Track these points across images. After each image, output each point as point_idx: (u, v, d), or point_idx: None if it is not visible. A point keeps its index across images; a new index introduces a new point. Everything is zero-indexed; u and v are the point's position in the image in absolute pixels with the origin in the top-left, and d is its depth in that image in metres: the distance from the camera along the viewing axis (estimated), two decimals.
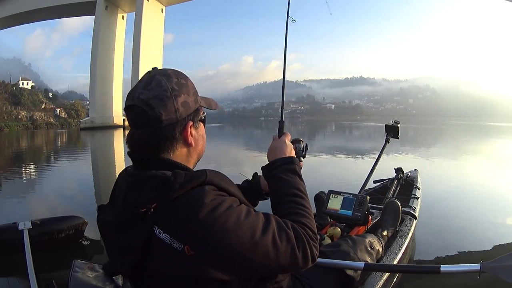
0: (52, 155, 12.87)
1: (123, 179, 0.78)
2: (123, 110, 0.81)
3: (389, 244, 1.81)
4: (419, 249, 2.54)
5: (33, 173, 7.73)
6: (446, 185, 5.12)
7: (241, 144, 16.68)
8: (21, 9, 45.58)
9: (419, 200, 2.63)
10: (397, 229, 1.99)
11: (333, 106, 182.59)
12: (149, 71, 0.78)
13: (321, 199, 2.04)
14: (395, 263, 1.65)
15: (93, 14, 44.19)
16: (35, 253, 2.15)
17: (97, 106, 42.29)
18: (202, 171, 0.73)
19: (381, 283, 1.45)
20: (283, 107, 1.19)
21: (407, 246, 1.89)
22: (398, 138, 2.84)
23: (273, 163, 0.92)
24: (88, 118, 44.28)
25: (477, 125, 36.11)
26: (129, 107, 0.75)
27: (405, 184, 3.06)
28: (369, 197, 1.94)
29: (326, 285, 1.19)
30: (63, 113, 62.11)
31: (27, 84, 67.48)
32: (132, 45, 42.52)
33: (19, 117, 51.31)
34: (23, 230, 2.42)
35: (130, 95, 0.76)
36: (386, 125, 2.86)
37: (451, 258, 2.47)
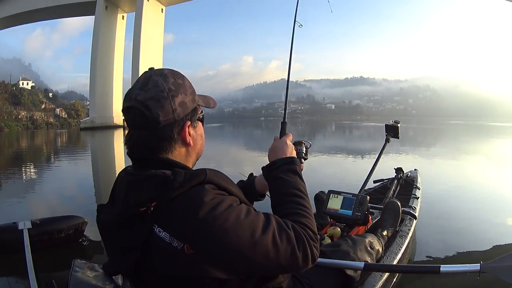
0: (52, 155, 12.87)
1: (122, 179, 0.78)
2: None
3: (389, 244, 1.81)
4: (419, 249, 2.54)
5: (33, 173, 7.73)
6: (446, 185, 5.12)
7: (241, 144, 16.68)
8: (21, 9, 45.62)
9: (419, 200, 2.63)
10: (397, 229, 1.99)
11: (333, 106, 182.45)
12: (146, 72, 0.78)
13: (321, 199, 2.04)
14: (395, 263, 1.65)
15: (93, 14, 44.23)
16: (35, 252, 2.15)
17: (97, 106, 42.33)
18: (202, 170, 0.73)
19: (381, 283, 1.45)
20: (286, 109, 1.19)
21: (407, 246, 1.89)
22: (398, 138, 2.84)
23: (274, 163, 0.92)
24: (88, 118, 44.34)
25: (477, 125, 36.09)
26: (127, 109, 0.75)
27: (405, 184, 3.06)
28: (369, 197, 1.93)
29: (326, 285, 1.18)
30: (63, 113, 62.17)
31: (27, 84, 67.55)
32: (132, 45, 42.64)
33: (19, 117, 51.35)
34: (23, 229, 2.42)
35: (127, 96, 0.76)
36: (386, 125, 2.86)
37: (451, 258, 2.47)
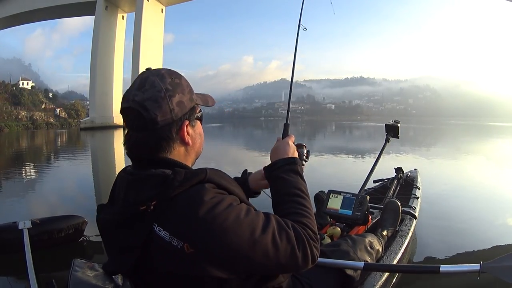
0: (52, 155, 12.87)
1: (122, 178, 0.78)
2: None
3: (389, 243, 1.81)
4: (419, 249, 2.54)
5: (33, 173, 7.73)
6: (446, 185, 5.12)
7: (241, 144, 16.68)
8: (21, 9, 45.64)
9: (419, 200, 2.63)
10: (397, 229, 1.99)
11: (333, 106, 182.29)
12: (143, 72, 0.78)
13: (321, 199, 2.04)
14: (394, 263, 1.65)
15: (93, 14, 44.24)
16: (35, 252, 2.15)
17: (97, 106, 42.34)
18: (202, 169, 0.74)
19: (381, 283, 1.45)
20: (288, 111, 1.21)
21: (407, 246, 1.89)
22: (398, 137, 2.84)
23: (275, 164, 0.92)
24: (88, 118, 44.33)
25: (477, 125, 36.08)
26: (125, 110, 0.75)
27: (405, 184, 3.06)
28: (369, 196, 1.94)
29: (325, 284, 1.18)
30: (63, 113, 62.16)
31: (27, 84, 67.55)
32: (132, 45, 42.64)
33: (19, 117, 51.34)
34: (23, 229, 2.42)
35: (125, 97, 0.76)
36: (386, 125, 2.86)
37: (451, 258, 2.47)
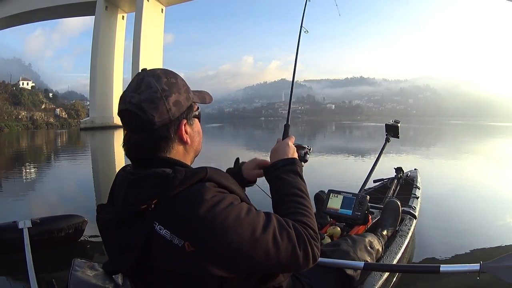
0: (52, 155, 12.88)
1: (122, 178, 0.78)
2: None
3: (389, 243, 1.81)
4: (419, 249, 2.54)
5: (33, 173, 7.74)
6: (446, 184, 5.12)
7: (241, 144, 16.67)
8: (21, 9, 45.66)
9: (419, 199, 2.63)
10: (397, 229, 1.99)
11: (333, 106, 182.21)
12: (139, 73, 0.78)
13: (321, 199, 2.04)
14: (394, 263, 1.65)
15: (93, 14, 44.26)
16: (35, 252, 2.15)
17: (97, 106, 42.35)
18: (202, 168, 0.74)
19: (381, 282, 1.45)
20: (289, 112, 1.22)
21: (407, 245, 1.89)
22: (398, 137, 2.84)
23: (275, 164, 0.93)
24: (88, 118, 44.36)
25: (477, 125, 36.08)
26: (122, 112, 0.75)
27: (405, 183, 3.06)
28: (369, 196, 1.93)
29: (325, 284, 1.18)
30: (63, 113, 62.21)
31: (27, 84, 67.58)
32: (132, 45, 42.64)
33: (19, 117, 51.40)
34: (23, 229, 2.42)
35: (121, 99, 0.76)
36: (386, 125, 2.86)
37: (451, 258, 2.47)
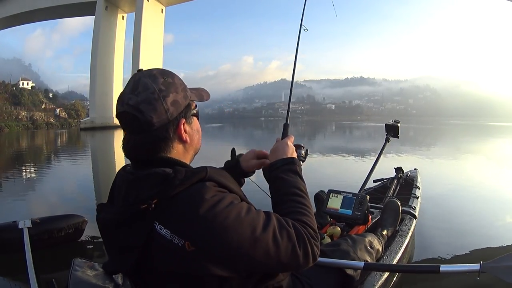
0: (52, 155, 12.87)
1: (122, 177, 0.78)
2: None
3: (389, 243, 1.81)
4: (419, 249, 2.54)
5: (33, 173, 7.74)
6: (446, 184, 5.12)
7: (241, 144, 16.66)
8: (21, 9, 45.65)
9: (419, 199, 2.63)
10: (397, 229, 1.99)
11: (333, 106, 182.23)
12: (135, 74, 0.78)
13: (321, 198, 2.04)
14: (394, 263, 1.64)
15: (93, 14, 44.25)
16: (35, 251, 2.15)
17: (97, 106, 42.33)
18: (202, 167, 0.74)
19: (381, 282, 1.44)
20: (288, 111, 1.22)
21: (407, 245, 1.89)
22: (398, 137, 2.84)
23: (274, 164, 0.93)
24: (88, 118, 44.35)
25: (477, 125, 36.09)
26: (120, 114, 0.75)
27: (405, 183, 3.06)
28: (369, 196, 1.93)
29: (325, 284, 1.18)
30: (63, 113, 62.21)
31: (27, 84, 67.60)
32: (132, 45, 42.62)
33: (19, 117, 51.42)
34: (23, 228, 2.42)
35: (119, 101, 0.76)
36: (386, 124, 2.85)
37: (451, 258, 2.47)
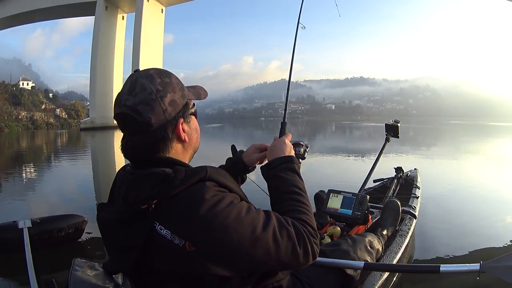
0: (52, 155, 12.87)
1: (122, 177, 0.78)
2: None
3: (389, 243, 1.81)
4: (419, 249, 2.54)
5: (33, 173, 7.73)
6: (446, 184, 5.12)
7: (241, 144, 16.65)
8: (21, 9, 45.68)
9: (419, 199, 2.63)
10: (397, 229, 1.99)
11: (333, 106, 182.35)
12: (131, 75, 0.77)
13: (321, 198, 2.03)
14: (394, 263, 1.64)
15: (93, 14, 44.26)
16: (35, 251, 2.15)
17: (97, 106, 42.33)
18: (202, 167, 0.74)
19: (381, 282, 1.44)
20: (286, 109, 1.23)
21: (407, 245, 1.89)
22: (398, 137, 2.84)
23: (272, 162, 0.93)
24: (88, 118, 44.35)
25: (477, 125, 36.11)
26: (118, 115, 0.75)
27: (405, 183, 3.05)
28: (369, 196, 1.93)
29: (325, 284, 1.18)
30: (63, 114, 62.14)
31: (27, 84, 67.55)
32: (132, 45, 42.63)
33: (19, 117, 51.37)
34: (23, 228, 2.41)
35: (116, 102, 0.75)
36: (386, 124, 2.85)
37: (451, 257, 2.47)
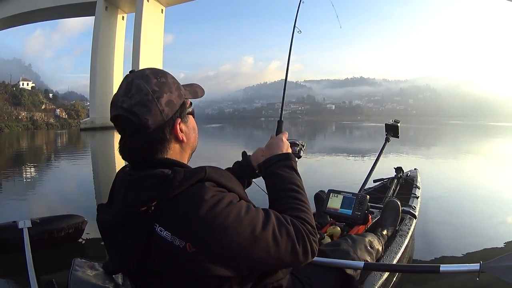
0: (52, 155, 12.87)
1: (121, 178, 0.78)
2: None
3: (388, 243, 1.81)
4: (419, 249, 2.54)
5: (33, 173, 7.74)
6: (446, 184, 5.12)
7: (241, 144, 16.68)
8: (21, 9, 45.67)
9: (419, 199, 2.63)
10: (397, 229, 1.99)
11: (333, 106, 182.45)
12: (127, 75, 0.76)
13: (321, 198, 2.03)
14: (394, 263, 1.64)
15: (93, 14, 44.25)
16: (35, 251, 2.15)
17: (97, 106, 42.28)
18: (201, 167, 0.73)
19: (381, 282, 1.44)
20: (282, 108, 1.24)
21: (407, 245, 1.89)
22: (398, 137, 2.83)
23: (270, 160, 0.93)
24: (88, 118, 44.32)
25: (477, 125, 36.13)
26: (115, 117, 0.74)
27: (405, 183, 3.05)
28: (369, 196, 1.93)
29: (325, 284, 1.18)
30: (63, 114, 62.08)
31: (27, 84, 67.56)
32: (132, 46, 42.63)
33: (19, 117, 51.33)
34: (23, 228, 2.42)
35: (113, 104, 0.74)
36: (386, 124, 2.85)
37: (451, 257, 2.47)
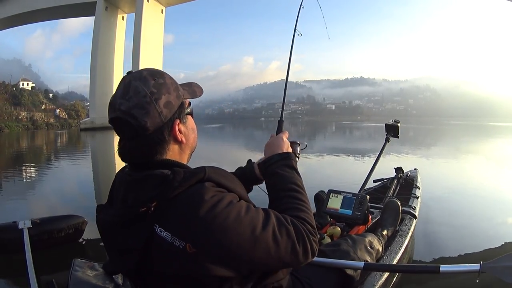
0: (52, 155, 12.87)
1: (121, 179, 0.78)
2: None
3: (389, 243, 1.81)
4: (419, 249, 2.54)
5: (33, 173, 7.73)
6: (446, 184, 5.12)
7: (241, 144, 16.68)
8: (22, 9, 45.67)
9: (419, 199, 2.63)
10: (397, 229, 1.99)
11: (334, 106, 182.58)
12: (124, 77, 0.76)
13: (321, 199, 2.03)
14: (394, 263, 1.64)
15: (93, 14, 44.26)
16: (35, 252, 2.15)
17: (97, 106, 42.26)
18: (201, 168, 0.73)
19: (381, 282, 1.44)
20: (283, 108, 1.24)
21: (407, 245, 1.89)
22: (398, 137, 2.83)
23: (270, 159, 0.93)
24: (88, 118, 44.31)
25: (477, 125, 36.13)
26: (113, 120, 0.74)
27: (405, 183, 3.05)
28: (369, 196, 1.93)
29: (325, 284, 1.18)
30: (63, 114, 62.10)
31: (27, 84, 67.61)
32: (132, 46, 42.62)
33: (20, 117, 51.35)
34: (23, 229, 2.42)
35: (111, 106, 0.74)
36: (386, 124, 2.85)
37: (451, 258, 2.47)
